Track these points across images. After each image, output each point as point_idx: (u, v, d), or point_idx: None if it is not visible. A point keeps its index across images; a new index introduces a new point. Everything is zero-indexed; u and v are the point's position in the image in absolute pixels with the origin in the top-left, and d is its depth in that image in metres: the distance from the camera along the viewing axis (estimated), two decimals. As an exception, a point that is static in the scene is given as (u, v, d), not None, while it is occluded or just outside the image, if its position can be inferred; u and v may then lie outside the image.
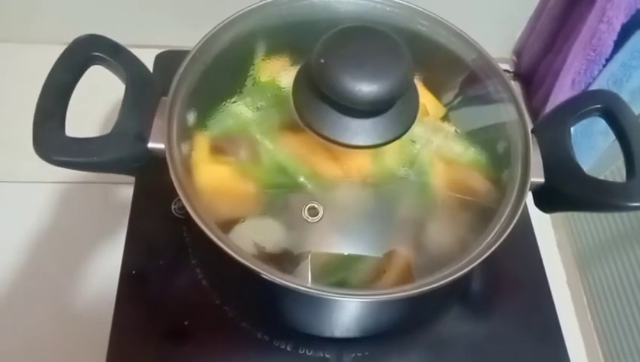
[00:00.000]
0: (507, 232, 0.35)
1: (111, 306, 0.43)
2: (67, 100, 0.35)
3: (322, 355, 0.43)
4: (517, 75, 0.77)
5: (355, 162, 0.38)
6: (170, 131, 0.36)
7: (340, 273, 0.36)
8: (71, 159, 0.34)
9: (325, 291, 0.32)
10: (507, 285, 0.49)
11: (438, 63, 0.44)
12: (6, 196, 0.61)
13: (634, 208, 0.36)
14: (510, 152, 0.39)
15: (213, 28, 0.40)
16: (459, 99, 0.44)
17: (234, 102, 0.40)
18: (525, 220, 0.51)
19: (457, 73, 0.44)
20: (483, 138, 0.41)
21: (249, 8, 0.42)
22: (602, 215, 0.62)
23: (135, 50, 0.39)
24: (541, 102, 0.70)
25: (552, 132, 0.40)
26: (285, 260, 0.35)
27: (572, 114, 0.40)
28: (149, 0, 0.69)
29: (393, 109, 0.35)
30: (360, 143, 0.34)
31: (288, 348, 0.43)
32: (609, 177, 0.62)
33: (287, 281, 0.32)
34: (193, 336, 0.43)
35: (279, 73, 0.41)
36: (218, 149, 0.38)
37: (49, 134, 0.33)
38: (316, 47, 0.34)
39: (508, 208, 0.37)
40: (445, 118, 0.42)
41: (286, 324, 0.43)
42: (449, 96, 0.44)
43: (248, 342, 0.43)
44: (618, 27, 0.56)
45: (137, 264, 0.45)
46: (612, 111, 0.39)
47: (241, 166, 0.38)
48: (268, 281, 0.32)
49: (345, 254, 0.37)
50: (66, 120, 0.35)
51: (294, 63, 0.41)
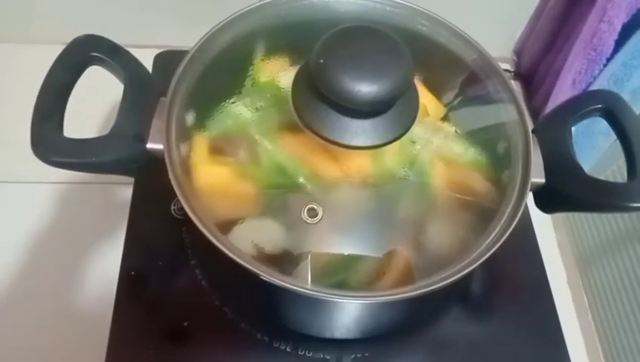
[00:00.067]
0: (507, 233, 0.35)
1: (111, 306, 0.43)
2: (65, 101, 0.35)
3: (322, 356, 0.43)
4: (517, 75, 0.76)
5: (355, 163, 0.37)
6: (168, 132, 0.36)
7: (340, 274, 0.36)
8: (69, 160, 0.33)
9: (325, 293, 0.32)
10: (508, 285, 0.49)
11: (439, 63, 0.44)
12: (6, 196, 0.60)
13: (635, 209, 0.36)
14: (510, 153, 0.39)
15: (212, 28, 0.40)
16: (459, 99, 0.43)
17: (233, 102, 0.40)
18: (526, 220, 0.51)
19: (457, 73, 0.43)
20: (483, 138, 0.41)
21: (248, 8, 0.42)
22: (603, 215, 0.61)
23: (134, 50, 0.39)
24: (541, 101, 0.69)
25: (553, 132, 0.40)
26: (285, 261, 0.35)
27: (573, 114, 0.40)
28: (149, 0, 0.69)
29: (393, 110, 0.35)
30: (359, 144, 0.34)
31: (288, 349, 0.43)
32: (610, 177, 0.62)
33: (286, 283, 0.32)
34: (193, 337, 0.43)
35: (278, 73, 0.41)
36: (217, 150, 0.38)
37: (47, 135, 0.33)
38: (315, 47, 0.33)
39: (508, 209, 0.36)
40: (445, 118, 0.42)
41: (286, 325, 0.43)
42: (449, 96, 0.43)
43: (248, 343, 0.43)
44: (619, 27, 0.56)
45: (136, 265, 0.45)
46: (613, 111, 0.39)
47: (240, 166, 0.38)
48: (267, 283, 0.32)
49: (344, 255, 0.36)
50: (65, 120, 0.35)
51: (294, 63, 0.41)
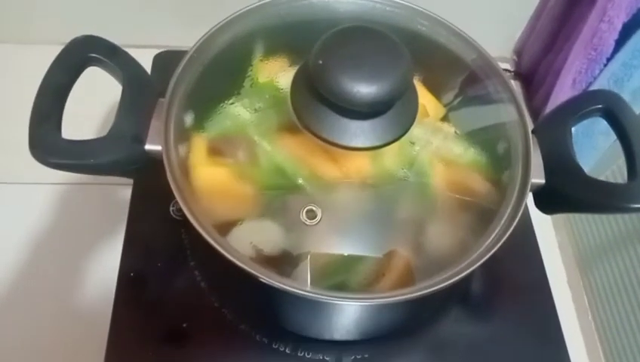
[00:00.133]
0: (507, 234, 0.35)
1: (110, 306, 0.43)
2: (63, 102, 0.35)
3: (321, 358, 0.43)
4: (517, 75, 0.76)
5: (354, 164, 0.37)
6: (167, 133, 0.36)
7: (339, 275, 0.36)
8: (67, 161, 0.33)
9: (324, 295, 0.32)
10: (508, 286, 0.49)
11: (438, 63, 0.44)
12: (5, 198, 0.60)
13: (635, 210, 0.36)
14: (510, 153, 0.39)
15: (211, 28, 0.40)
16: (459, 99, 0.43)
17: (232, 103, 0.39)
18: (526, 221, 0.51)
19: (457, 73, 0.43)
20: (483, 138, 0.41)
21: (247, 8, 0.41)
22: (603, 215, 0.61)
23: (134, 50, 0.39)
24: (542, 101, 0.69)
25: (553, 132, 0.40)
26: (284, 263, 0.35)
27: (573, 114, 0.40)
28: (148, 0, 0.69)
29: (392, 110, 0.35)
30: (359, 145, 0.34)
31: (287, 351, 0.43)
32: (610, 177, 0.62)
33: (285, 285, 0.31)
34: (192, 339, 0.43)
35: (278, 74, 0.40)
36: (216, 151, 0.38)
37: (45, 136, 0.33)
38: (314, 48, 0.33)
39: (508, 209, 0.36)
40: (445, 119, 0.41)
41: (285, 327, 0.43)
42: (449, 96, 0.43)
43: (247, 345, 0.43)
44: (619, 26, 0.56)
45: (135, 266, 0.45)
46: (613, 111, 0.39)
47: (238, 168, 0.38)
48: (266, 285, 0.32)
49: (344, 257, 0.36)
50: (63, 122, 0.34)
51: (293, 64, 0.41)
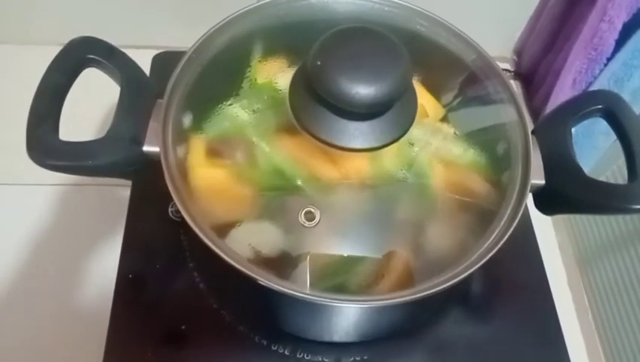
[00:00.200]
0: (507, 235, 0.34)
1: (109, 306, 0.43)
2: (61, 103, 0.35)
3: (320, 359, 0.43)
4: (517, 75, 0.76)
5: (353, 165, 0.37)
6: (165, 134, 0.35)
7: (338, 277, 0.36)
8: (64, 163, 0.33)
9: (322, 297, 0.32)
10: (508, 287, 0.49)
11: (438, 64, 0.43)
12: (5, 199, 0.60)
13: (636, 211, 0.36)
14: (510, 154, 0.39)
15: (209, 29, 0.40)
16: (458, 100, 0.43)
17: (230, 104, 0.39)
18: (526, 221, 0.51)
19: (457, 74, 0.43)
20: (483, 139, 0.41)
21: (246, 9, 0.41)
22: (604, 216, 0.61)
23: (133, 50, 0.39)
24: (542, 101, 0.69)
25: (553, 133, 0.39)
26: (282, 264, 0.35)
27: (573, 115, 0.40)
28: (147, 1, 0.69)
29: (391, 111, 0.34)
30: (357, 146, 0.34)
31: (286, 352, 0.42)
32: (610, 177, 0.62)
33: (283, 287, 0.31)
34: (190, 340, 0.43)
35: (276, 75, 0.40)
36: (214, 152, 0.38)
37: (42, 138, 0.33)
38: (312, 48, 0.33)
39: (508, 210, 0.36)
40: (444, 119, 0.41)
41: (284, 328, 0.43)
42: (448, 97, 0.43)
43: (246, 346, 0.43)
44: (619, 26, 0.56)
45: (134, 267, 0.45)
46: (613, 111, 0.39)
47: (237, 169, 0.38)
48: (264, 287, 0.31)
49: (342, 259, 0.36)
50: (61, 123, 0.34)
51: (292, 65, 0.41)
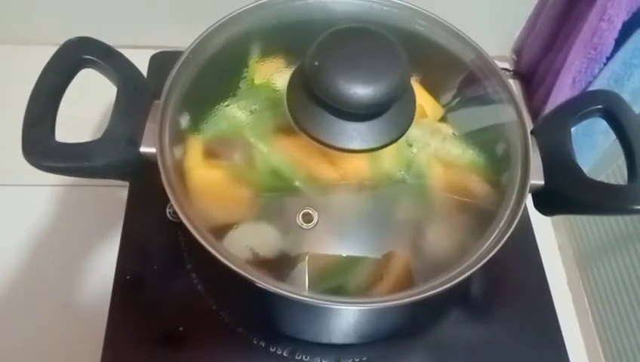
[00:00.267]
0: (507, 236, 0.34)
1: (108, 307, 0.43)
2: (57, 104, 0.34)
3: (319, 361, 0.42)
4: (517, 74, 0.76)
5: (351, 166, 0.37)
6: (162, 135, 0.35)
7: (337, 279, 0.35)
8: (60, 165, 0.33)
9: (321, 299, 0.32)
10: (507, 287, 0.49)
11: (436, 64, 0.43)
12: (5, 199, 0.60)
13: (636, 211, 0.35)
14: (509, 154, 0.39)
15: (206, 29, 0.39)
16: (457, 100, 0.43)
17: (227, 105, 0.39)
18: (525, 222, 0.51)
19: (456, 74, 0.43)
20: (482, 139, 0.41)
21: (244, 8, 0.41)
22: (603, 216, 0.61)
23: (131, 50, 0.38)
24: (541, 101, 0.69)
25: (552, 133, 0.39)
26: (280, 266, 0.35)
27: (572, 115, 0.39)
28: (146, 0, 0.69)
29: (389, 112, 0.34)
30: (356, 147, 0.34)
31: (285, 354, 0.42)
32: (610, 176, 0.61)
33: (281, 290, 0.31)
34: (189, 342, 0.42)
35: (274, 75, 0.40)
36: (211, 153, 0.38)
37: (38, 139, 0.33)
38: (310, 49, 0.33)
39: (507, 211, 0.36)
40: (443, 120, 0.41)
41: (282, 330, 0.43)
42: (447, 97, 0.43)
43: (244, 348, 0.42)
44: (619, 25, 0.56)
45: (132, 269, 0.45)
46: (613, 111, 0.39)
47: (234, 170, 0.37)
48: (262, 289, 0.31)
49: (341, 261, 0.36)
50: (57, 125, 0.34)
51: (289, 65, 0.40)
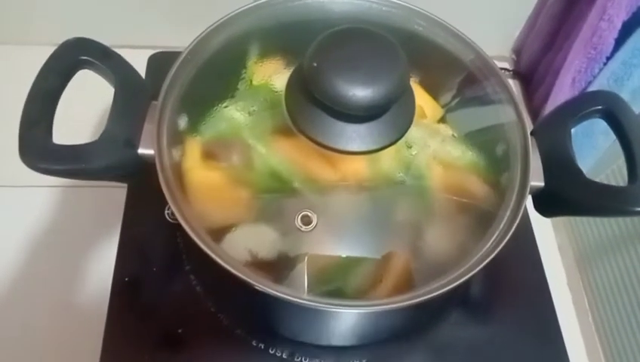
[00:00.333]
0: (507, 238, 0.34)
1: (107, 308, 0.43)
2: (54, 106, 0.34)
3: (319, 363, 0.42)
4: (516, 74, 0.76)
5: (351, 167, 0.37)
6: (160, 136, 0.35)
7: (336, 282, 0.35)
8: (58, 167, 0.33)
9: (320, 302, 0.31)
10: (507, 288, 0.49)
11: (436, 64, 0.43)
12: (4, 200, 0.60)
13: (636, 213, 0.35)
14: (509, 155, 0.39)
15: (204, 30, 0.39)
16: (457, 100, 0.43)
17: (226, 106, 0.39)
18: (525, 222, 0.51)
19: (455, 74, 0.43)
20: (481, 140, 0.40)
21: (242, 9, 0.41)
22: (604, 218, 0.61)
23: (129, 50, 0.38)
24: (541, 100, 0.69)
25: (552, 134, 0.39)
26: (279, 268, 0.35)
27: (572, 116, 0.39)
28: (144, 1, 0.68)
29: (389, 114, 0.34)
30: (355, 149, 0.34)
31: (284, 356, 0.42)
32: (610, 176, 0.61)
33: (280, 293, 0.31)
34: (187, 344, 0.42)
35: (273, 76, 0.40)
36: (210, 154, 0.38)
37: (35, 141, 0.32)
38: (308, 50, 0.33)
39: (507, 213, 0.36)
40: (443, 120, 0.41)
41: (281, 332, 0.42)
42: (447, 97, 0.43)
43: (243, 350, 0.42)
44: (619, 25, 0.55)
45: (130, 271, 0.45)
46: (613, 112, 0.38)
47: (233, 171, 0.37)
48: (261, 291, 0.31)
49: (340, 263, 0.36)
50: (54, 126, 0.34)
51: (288, 65, 0.40)
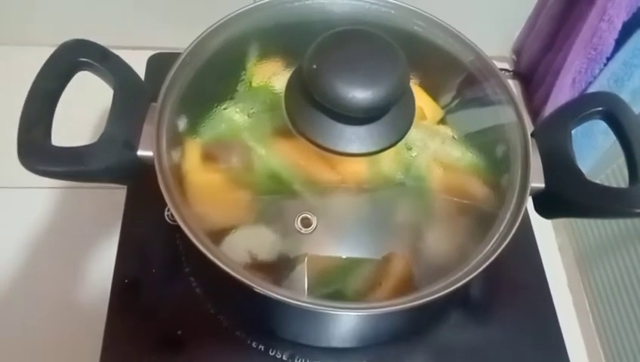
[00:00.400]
0: (507, 240, 0.34)
1: (106, 309, 0.43)
2: (53, 108, 0.34)
3: (319, 365, 0.42)
4: (517, 74, 0.76)
5: (350, 169, 0.37)
6: (159, 138, 0.35)
7: (336, 284, 0.35)
8: (57, 169, 0.33)
9: (320, 305, 0.31)
10: (508, 289, 0.49)
11: (435, 65, 0.43)
12: (2, 201, 0.60)
13: (637, 215, 0.35)
14: (509, 156, 0.38)
15: (204, 31, 0.39)
16: (457, 101, 0.43)
17: (225, 107, 0.39)
18: (526, 223, 0.51)
19: (455, 75, 0.43)
20: (482, 141, 0.40)
21: (242, 10, 0.41)
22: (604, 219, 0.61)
23: (129, 51, 0.38)
24: (541, 101, 0.69)
25: (553, 135, 0.39)
26: (279, 269, 0.35)
27: (573, 117, 0.39)
28: (143, 1, 0.68)
29: (388, 115, 0.34)
30: (354, 151, 0.33)
31: (284, 358, 0.42)
32: (610, 176, 0.61)
33: (279, 295, 0.31)
34: (187, 346, 0.42)
35: (272, 77, 0.40)
36: (209, 156, 0.37)
37: (34, 143, 0.32)
38: (308, 51, 0.33)
39: (508, 214, 0.36)
40: (443, 122, 0.41)
41: (281, 334, 0.42)
42: (447, 98, 0.43)
43: (243, 352, 0.42)
44: (619, 25, 0.55)
45: (130, 272, 0.45)
46: (614, 113, 0.38)
47: (232, 173, 0.37)
48: (260, 294, 0.31)
49: (340, 263, 0.36)
50: (53, 128, 0.34)
51: (288, 67, 0.40)
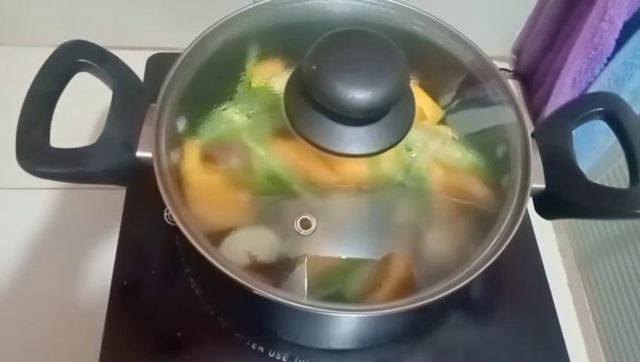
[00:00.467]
0: (508, 241, 0.34)
1: (106, 306, 0.43)
2: (52, 109, 0.34)
3: (319, 366, 0.42)
4: (517, 74, 0.75)
5: (350, 170, 0.37)
6: (158, 139, 0.35)
7: (336, 285, 0.35)
8: (55, 170, 0.32)
9: (319, 307, 0.31)
10: (508, 289, 0.49)
11: (435, 65, 0.43)
12: (2, 202, 0.60)
13: (638, 215, 0.35)
14: (510, 157, 0.38)
15: (204, 31, 0.39)
16: (457, 102, 0.43)
17: (225, 108, 0.39)
18: (526, 223, 0.50)
19: (455, 75, 0.42)
20: (482, 142, 0.40)
21: (242, 10, 0.41)
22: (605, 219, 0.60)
23: (128, 51, 0.38)
24: (541, 101, 0.69)
25: (553, 136, 0.39)
26: (278, 271, 0.34)
27: (573, 117, 0.39)
28: (143, 1, 0.68)
29: (388, 116, 0.34)
30: (354, 152, 0.33)
31: (284, 359, 0.42)
32: (610, 176, 0.61)
33: (279, 297, 0.31)
34: (187, 347, 0.42)
35: (272, 78, 0.40)
36: (209, 157, 0.37)
37: (32, 145, 0.32)
38: (307, 52, 0.32)
39: (508, 215, 0.36)
40: (443, 122, 0.41)
41: (281, 336, 0.42)
42: (447, 98, 0.42)
43: (243, 353, 0.42)
44: (620, 25, 0.55)
45: (129, 274, 0.45)
46: (614, 114, 0.38)
47: (232, 174, 0.37)
48: (260, 296, 0.31)
49: (340, 264, 0.36)
50: (52, 129, 0.34)
51: (288, 67, 0.40)
